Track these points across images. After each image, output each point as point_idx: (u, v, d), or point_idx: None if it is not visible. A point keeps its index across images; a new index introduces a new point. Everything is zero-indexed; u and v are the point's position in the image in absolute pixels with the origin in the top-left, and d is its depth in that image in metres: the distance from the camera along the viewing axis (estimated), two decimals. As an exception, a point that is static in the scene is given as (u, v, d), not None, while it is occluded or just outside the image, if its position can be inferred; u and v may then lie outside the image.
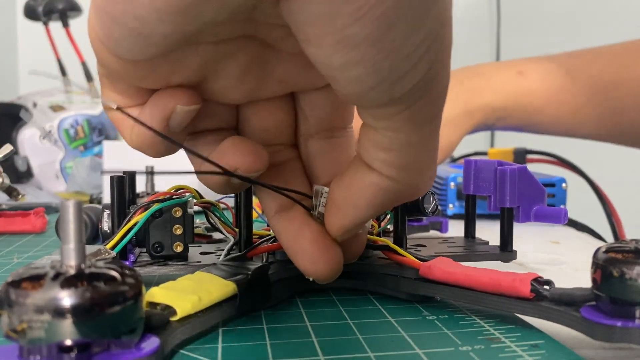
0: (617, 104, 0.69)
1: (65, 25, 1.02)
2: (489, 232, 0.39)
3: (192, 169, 0.25)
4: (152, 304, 0.22)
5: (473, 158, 0.35)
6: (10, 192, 0.56)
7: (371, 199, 0.23)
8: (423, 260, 0.28)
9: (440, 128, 0.22)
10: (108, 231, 0.33)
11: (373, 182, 0.22)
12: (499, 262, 0.34)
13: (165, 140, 0.23)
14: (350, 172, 0.23)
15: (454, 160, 0.86)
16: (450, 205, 0.59)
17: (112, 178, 0.32)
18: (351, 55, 0.18)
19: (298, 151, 0.27)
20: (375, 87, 0.19)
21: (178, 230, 0.31)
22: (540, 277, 0.25)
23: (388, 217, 0.39)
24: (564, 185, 0.58)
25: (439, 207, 0.38)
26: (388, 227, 0.38)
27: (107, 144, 0.71)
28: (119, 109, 0.22)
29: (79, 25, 0.95)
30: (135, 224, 0.30)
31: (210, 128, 0.26)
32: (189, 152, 0.24)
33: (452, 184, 0.59)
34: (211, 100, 0.24)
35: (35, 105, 0.92)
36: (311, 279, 0.26)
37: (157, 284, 0.23)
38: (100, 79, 0.23)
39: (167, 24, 0.18)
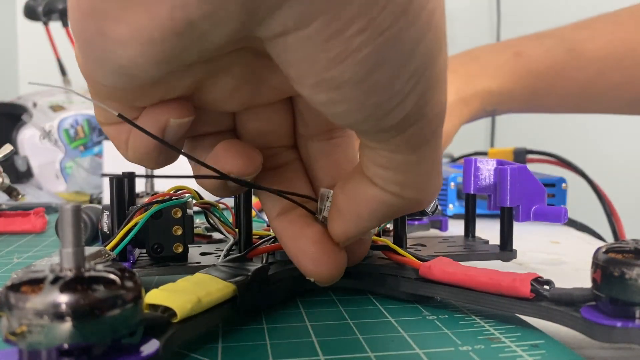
0: (636, 72, 0.64)
1: (65, 25, 1.03)
2: (489, 231, 0.39)
3: (190, 172, 0.25)
4: (152, 306, 0.22)
5: (473, 158, 0.35)
6: (10, 192, 0.56)
7: (374, 211, 0.22)
8: (423, 260, 0.28)
9: (441, 143, 0.21)
10: (108, 232, 0.33)
11: (376, 196, 0.22)
12: (499, 261, 0.34)
13: (163, 152, 0.23)
14: (354, 182, 0.23)
15: (454, 160, 0.86)
16: (450, 205, 0.59)
17: (111, 179, 0.32)
18: (333, 95, 0.17)
19: (299, 153, 0.27)
20: (362, 122, 0.18)
21: (178, 231, 0.31)
22: (540, 277, 0.25)
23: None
24: (564, 185, 0.58)
25: (439, 207, 0.38)
26: (388, 226, 0.38)
27: (107, 144, 0.71)
28: (120, 116, 0.22)
29: (79, 25, 0.95)
30: (135, 225, 0.30)
31: (209, 132, 0.25)
32: (188, 157, 0.24)
33: (452, 184, 0.59)
34: (206, 109, 0.24)
35: (35, 105, 0.92)
36: (312, 280, 0.26)
37: (156, 285, 0.23)
38: (92, 96, 0.22)
39: (149, 70, 0.18)
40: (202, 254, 0.34)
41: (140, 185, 0.59)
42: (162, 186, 0.56)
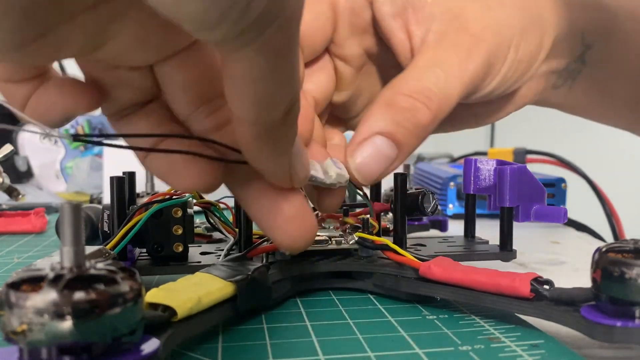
0: None
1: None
2: (489, 231, 0.39)
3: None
4: (152, 305, 0.22)
5: (473, 158, 0.35)
6: (10, 192, 0.56)
7: (254, 149, 0.21)
8: (423, 260, 0.28)
9: (297, 64, 0.19)
10: (108, 231, 0.33)
11: (243, 132, 0.21)
12: (499, 261, 0.34)
13: (62, 113, 0.22)
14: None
15: (453, 160, 0.86)
16: (450, 205, 0.59)
17: (112, 178, 0.32)
18: None
19: None
20: (220, 21, 0.16)
21: (178, 230, 0.31)
22: (540, 277, 0.25)
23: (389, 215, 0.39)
24: (563, 185, 0.59)
25: (439, 207, 0.38)
26: (388, 226, 0.38)
27: (107, 144, 0.71)
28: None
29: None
30: (135, 225, 0.30)
31: (135, 102, 0.23)
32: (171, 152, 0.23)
33: (452, 183, 0.59)
34: (119, 66, 0.22)
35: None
36: (287, 253, 0.26)
37: (157, 284, 0.23)
38: None
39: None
40: (202, 253, 0.34)
41: (140, 185, 0.59)
42: (163, 186, 0.56)
